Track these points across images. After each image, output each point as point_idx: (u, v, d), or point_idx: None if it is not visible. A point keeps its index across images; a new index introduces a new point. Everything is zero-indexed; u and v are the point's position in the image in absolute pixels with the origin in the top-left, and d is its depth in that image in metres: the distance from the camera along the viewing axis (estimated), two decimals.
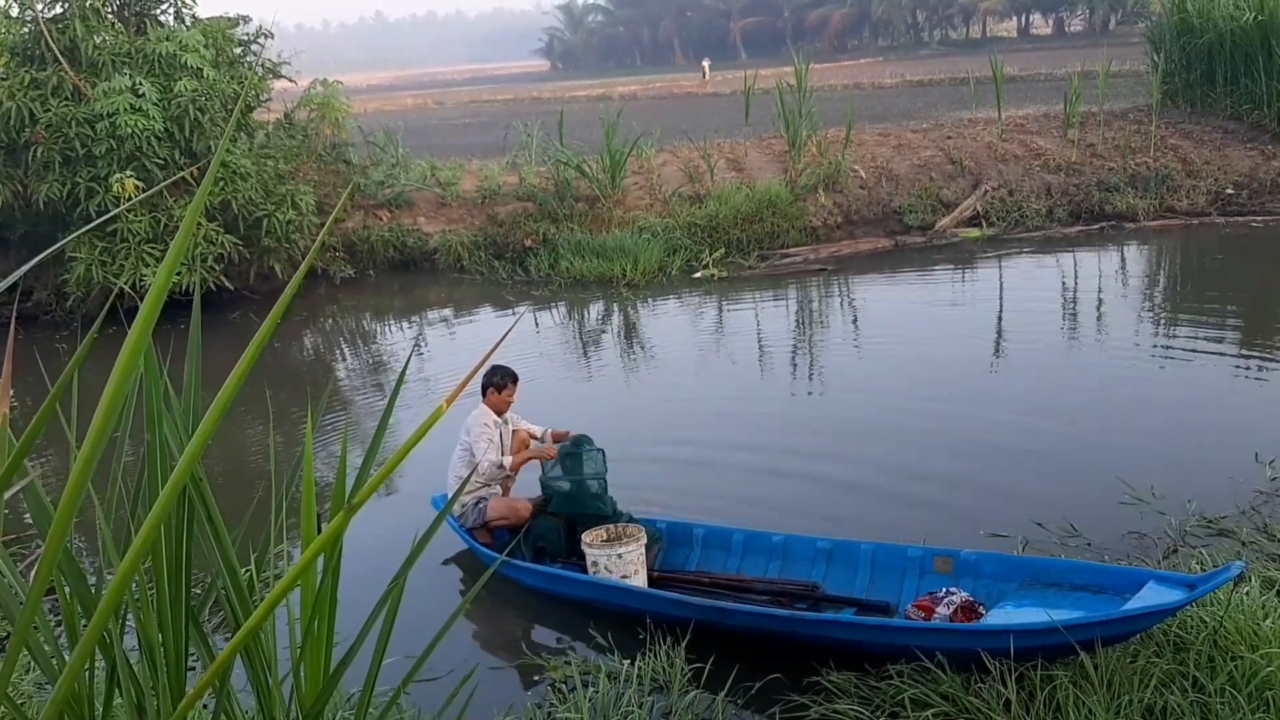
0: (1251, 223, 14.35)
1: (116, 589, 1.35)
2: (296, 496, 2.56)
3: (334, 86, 15.28)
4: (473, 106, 45.20)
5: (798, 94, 16.35)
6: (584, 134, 17.89)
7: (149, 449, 2.11)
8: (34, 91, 12.35)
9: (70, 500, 1.30)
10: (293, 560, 4.81)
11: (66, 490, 1.31)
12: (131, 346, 1.28)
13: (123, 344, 1.37)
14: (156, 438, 2.09)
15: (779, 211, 14.84)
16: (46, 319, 13.18)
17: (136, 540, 1.30)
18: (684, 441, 7.95)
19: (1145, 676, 4.13)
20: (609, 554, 5.56)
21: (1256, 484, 6.31)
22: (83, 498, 1.33)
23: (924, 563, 5.34)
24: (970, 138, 17.48)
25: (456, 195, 16.14)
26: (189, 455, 1.32)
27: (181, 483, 1.30)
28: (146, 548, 1.38)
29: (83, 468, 1.28)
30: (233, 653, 1.53)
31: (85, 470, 1.29)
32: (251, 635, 2.05)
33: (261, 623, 1.51)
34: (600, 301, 12.99)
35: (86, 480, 1.30)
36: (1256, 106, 17.07)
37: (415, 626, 4.87)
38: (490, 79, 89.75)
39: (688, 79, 51.23)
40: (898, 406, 8.29)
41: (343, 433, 8.55)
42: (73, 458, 1.78)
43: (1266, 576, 4.94)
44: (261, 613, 1.48)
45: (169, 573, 2.12)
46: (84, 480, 1.29)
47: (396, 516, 6.82)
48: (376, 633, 2.58)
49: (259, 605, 1.66)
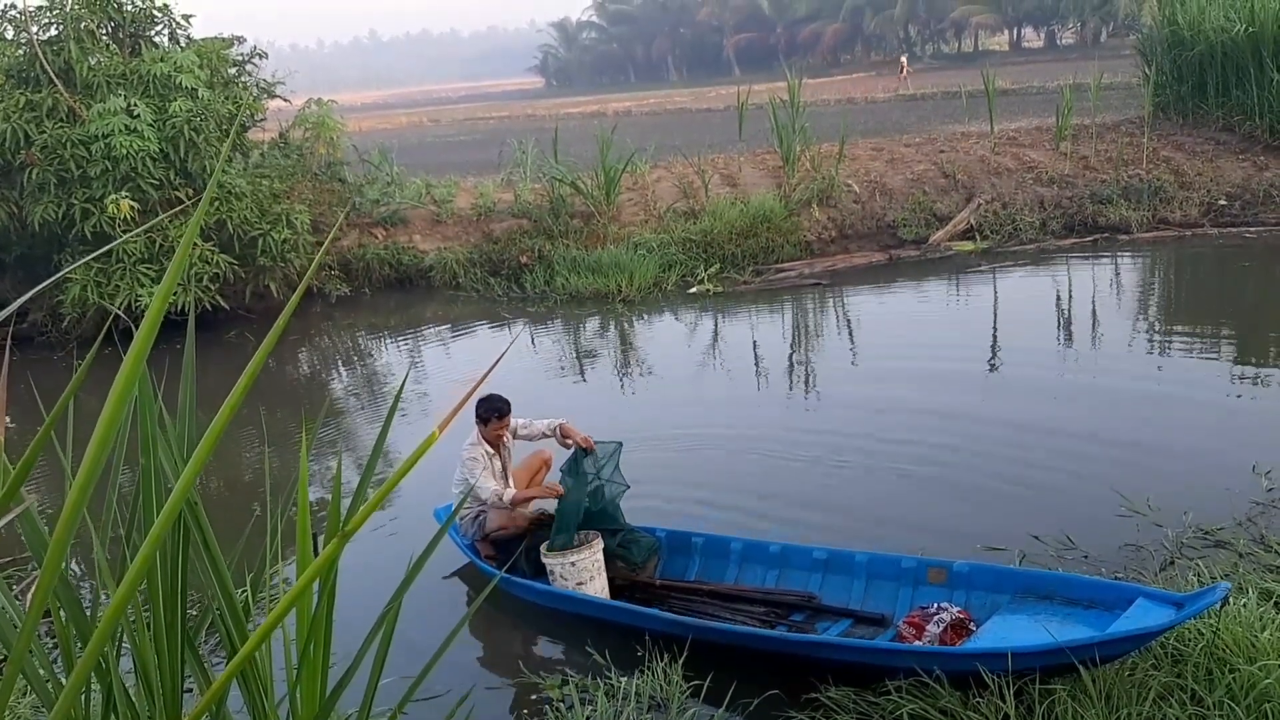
0: (1245, 234, 14.39)
1: (112, 615, 1.35)
2: (293, 517, 2.56)
3: (328, 105, 15.32)
4: (467, 124, 45.33)
5: (791, 109, 16.41)
6: (579, 150, 17.94)
7: (143, 473, 2.11)
8: (29, 113, 12.37)
9: (66, 526, 1.30)
10: (289, 581, 4.80)
11: (63, 516, 1.31)
12: (127, 373, 1.29)
13: (119, 367, 1.37)
14: (151, 462, 2.09)
15: (773, 226, 14.86)
16: (41, 340, 13.15)
17: (132, 569, 1.30)
18: (679, 459, 7.96)
19: (1143, 690, 4.13)
20: (563, 562, 5.68)
21: (1253, 495, 6.31)
22: (78, 523, 1.33)
23: (918, 573, 5.41)
24: (963, 151, 17.54)
25: (451, 213, 16.16)
26: (184, 482, 1.33)
27: (177, 509, 1.30)
28: (142, 574, 1.38)
29: (79, 494, 1.29)
30: (229, 679, 1.53)
31: (81, 496, 1.30)
32: (247, 661, 2.04)
33: (257, 649, 1.51)
34: (596, 317, 12.99)
35: (83, 505, 1.30)
36: (1248, 118, 17.14)
37: (415, 643, 4.87)
38: (485, 96, 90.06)
39: (681, 94, 51.41)
40: (893, 420, 8.29)
41: (338, 454, 8.55)
42: (68, 483, 1.78)
43: (1264, 588, 4.93)
44: (256, 639, 1.48)
45: (164, 597, 2.12)
46: (80, 506, 1.30)
47: (398, 528, 6.84)
48: (374, 653, 2.58)
49: (255, 629, 1.66)
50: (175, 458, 2.17)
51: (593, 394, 10.13)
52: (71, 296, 12.14)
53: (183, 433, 2.24)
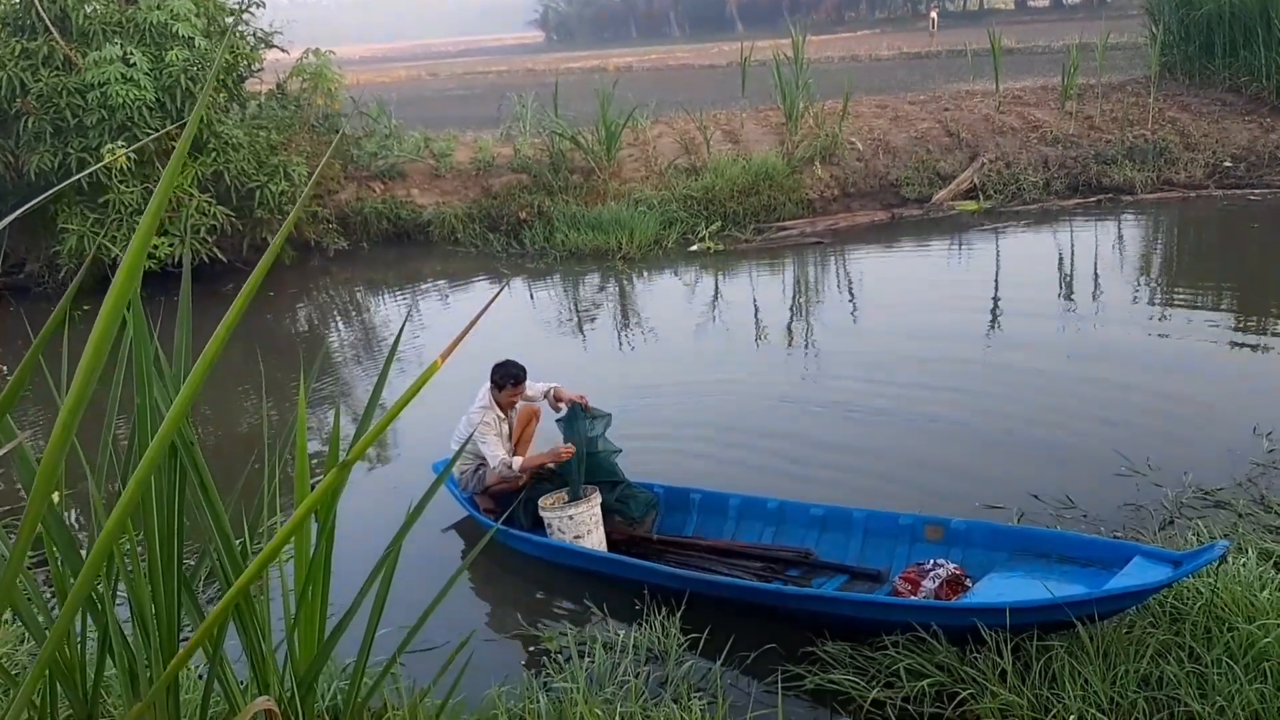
0: (1249, 195, 14.29)
1: (104, 542, 1.32)
2: (292, 465, 2.54)
3: (326, 57, 15.12)
4: (467, 78, 44.94)
5: (795, 65, 16.24)
6: (579, 106, 17.76)
7: (138, 412, 2.07)
8: (24, 61, 12.21)
9: (57, 447, 1.26)
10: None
11: (52, 438, 1.28)
12: (116, 294, 1.25)
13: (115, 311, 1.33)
14: (146, 401, 2.05)
15: (775, 184, 14.75)
16: (39, 291, 13.09)
17: (124, 495, 1.27)
18: (678, 416, 7.94)
19: (1141, 647, 4.13)
20: (560, 515, 5.73)
21: (1253, 456, 6.30)
22: (68, 444, 1.30)
23: (915, 530, 5.42)
24: (968, 110, 17.39)
25: (450, 167, 16.02)
26: (178, 406, 1.29)
27: (170, 436, 1.27)
28: (135, 500, 1.35)
29: (68, 416, 1.25)
30: (225, 609, 1.51)
31: (71, 418, 1.26)
32: (244, 592, 2.02)
33: (255, 578, 1.48)
34: (596, 274, 12.92)
35: (73, 428, 1.27)
36: (1255, 79, 16.98)
37: (414, 596, 4.85)
38: (484, 51, 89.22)
39: (683, 50, 50.92)
40: (894, 380, 8.26)
41: (336, 400, 8.53)
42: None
43: (1263, 548, 4.93)
44: (254, 569, 1.46)
45: (161, 538, 2.09)
46: (70, 428, 1.26)
47: (396, 484, 6.82)
48: (371, 602, 2.57)
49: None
50: (171, 397, 2.14)
51: (592, 350, 10.10)
52: (68, 247, 12.06)
53: (178, 374, 2.21)
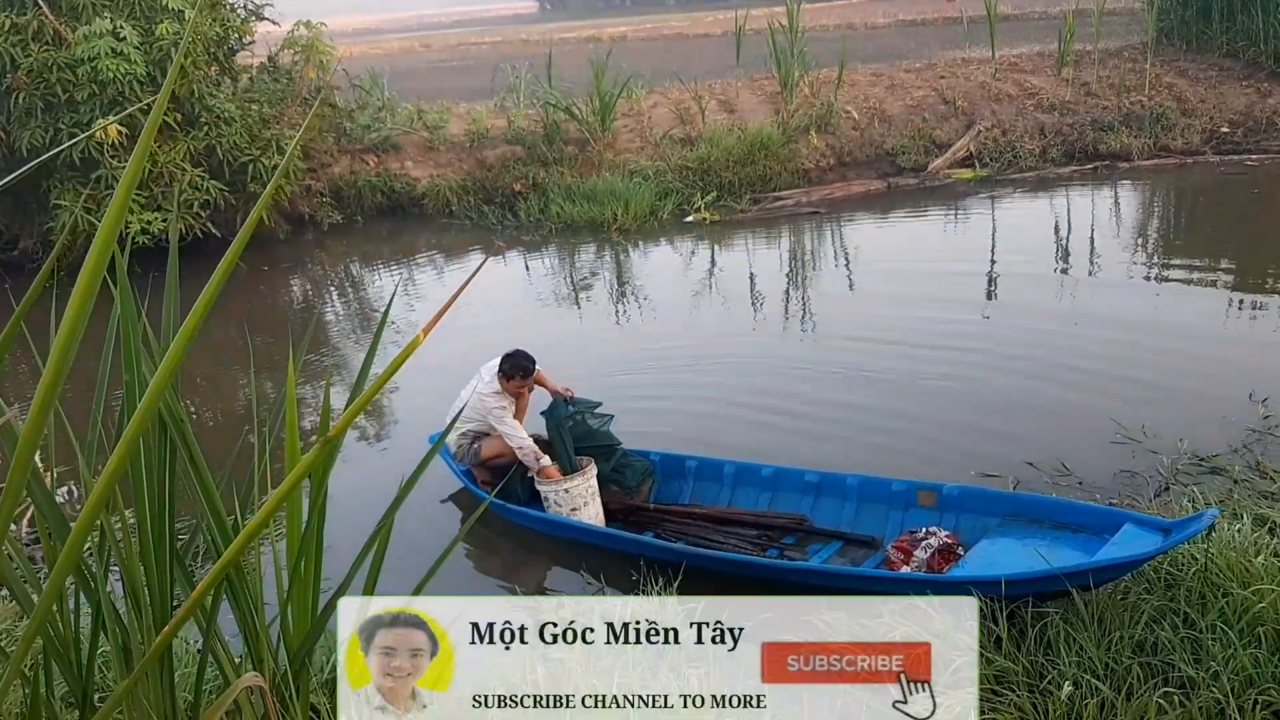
0: (1246, 161, 14.24)
1: (90, 510, 1.31)
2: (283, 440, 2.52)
3: (318, 29, 14.98)
4: (460, 49, 44.54)
5: (790, 34, 16.12)
6: (573, 76, 17.62)
7: (127, 387, 2.06)
8: (14, 36, 12.09)
9: (37, 416, 1.25)
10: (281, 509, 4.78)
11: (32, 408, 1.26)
12: (91, 266, 1.23)
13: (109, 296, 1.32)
14: (135, 377, 2.04)
15: (771, 153, 14.66)
16: (33, 267, 13.03)
17: (109, 464, 1.26)
18: (674, 380, 7.94)
19: (1136, 613, 4.15)
20: (556, 488, 5.76)
21: (1249, 422, 6.32)
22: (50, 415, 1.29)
23: (909, 496, 5.46)
24: (964, 77, 17.25)
25: (444, 139, 15.91)
26: (160, 375, 1.28)
27: (154, 407, 1.26)
28: (120, 472, 1.34)
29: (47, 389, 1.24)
30: (215, 578, 1.50)
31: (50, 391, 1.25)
32: (235, 564, 2.02)
33: (244, 548, 1.48)
34: (591, 246, 12.89)
35: (53, 399, 1.25)
36: (1253, 44, 16.85)
37: (409, 568, 4.86)
38: (477, 22, 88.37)
39: (678, 19, 50.51)
40: (890, 349, 8.25)
41: (328, 373, 8.52)
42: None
43: (1258, 514, 4.95)
44: (244, 537, 1.45)
45: (151, 514, 2.08)
46: (51, 399, 1.25)
47: (395, 458, 6.83)
48: (366, 573, 2.56)
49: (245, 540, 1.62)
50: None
51: (588, 321, 10.08)
52: (61, 223, 12.00)
53: (167, 348, 2.20)
